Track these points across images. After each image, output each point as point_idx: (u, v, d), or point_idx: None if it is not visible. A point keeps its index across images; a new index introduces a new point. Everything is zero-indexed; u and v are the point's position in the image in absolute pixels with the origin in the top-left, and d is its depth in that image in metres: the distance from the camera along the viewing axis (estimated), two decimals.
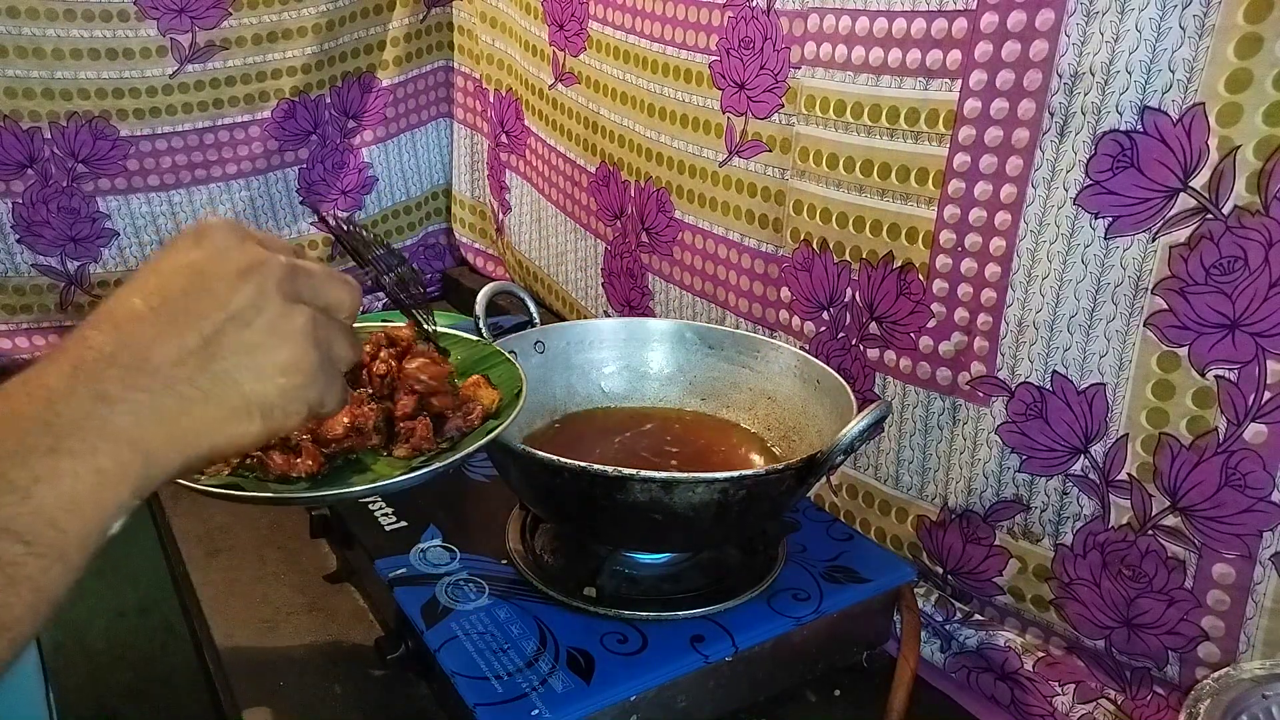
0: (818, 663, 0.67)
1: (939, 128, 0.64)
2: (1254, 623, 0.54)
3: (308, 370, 0.43)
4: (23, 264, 1.18)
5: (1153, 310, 0.55)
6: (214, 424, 0.41)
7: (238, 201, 1.27)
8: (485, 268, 1.42)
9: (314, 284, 0.44)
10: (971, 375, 0.65)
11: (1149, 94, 0.53)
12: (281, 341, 0.42)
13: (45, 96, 1.12)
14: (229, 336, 0.41)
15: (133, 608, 1.43)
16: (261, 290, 0.42)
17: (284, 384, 0.43)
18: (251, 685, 0.65)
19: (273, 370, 0.42)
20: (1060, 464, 0.61)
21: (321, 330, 0.44)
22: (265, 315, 0.42)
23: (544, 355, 0.76)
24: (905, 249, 0.68)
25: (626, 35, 0.93)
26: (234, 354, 0.41)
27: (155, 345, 0.40)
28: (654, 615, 0.62)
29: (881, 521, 0.75)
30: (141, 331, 0.40)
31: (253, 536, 0.81)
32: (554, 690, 0.55)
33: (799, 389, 0.72)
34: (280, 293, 0.42)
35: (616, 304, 1.05)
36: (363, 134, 1.33)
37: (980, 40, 0.60)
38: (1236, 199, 0.50)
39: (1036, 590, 0.65)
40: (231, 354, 0.41)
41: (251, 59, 1.22)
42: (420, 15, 1.32)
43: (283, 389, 0.43)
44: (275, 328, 0.42)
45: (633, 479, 0.55)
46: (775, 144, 0.79)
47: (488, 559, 0.67)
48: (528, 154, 1.19)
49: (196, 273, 0.42)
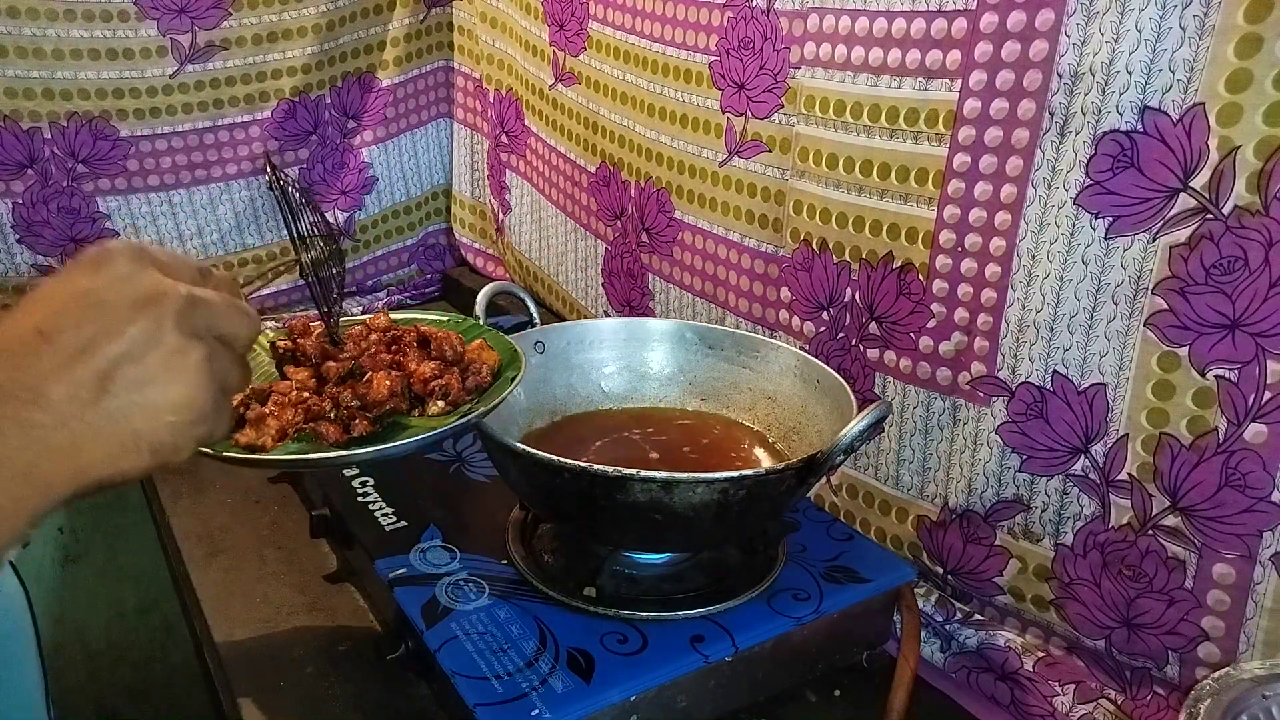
0: (818, 663, 0.67)
1: (939, 128, 0.64)
2: (1254, 623, 0.54)
3: (200, 408, 0.43)
4: (23, 264, 1.18)
5: (1153, 310, 0.55)
6: (104, 459, 0.41)
7: (238, 201, 1.27)
8: (485, 268, 1.42)
9: (212, 316, 0.44)
10: (972, 375, 0.65)
11: (1149, 94, 0.53)
12: (175, 379, 0.42)
13: (45, 96, 1.12)
14: (121, 372, 0.41)
15: (133, 608, 1.43)
16: (158, 323, 0.41)
17: (174, 421, 0.42)
18: (251, 685, 0.65)
19: (165, 408, 0.42)
20: (1060, 464, 0.61)
21: (217, 364, 0.44)
22: (159, 350, 0.41)
23: (544, 355, 0.76)
24: (905, 249, 0.68)
25: (626, 35, 0.93)
26: (126, 390, 0.41)
27: (49, 378, 0.40)
28: (654, 615, 0.62)
29: (881, 521, 0.75)
30: (35, 363, 0.40)
31: (253, 536, 0.81)
32: (554, 690, 0.55)
33: (799, 389, 0.72)
34: (177, 327, 0.42)
35: (616, 304, 1.05)
36: (363, 134, 1.33)
37: (980, 40, 0.60)
38: (1236, 199, 0.50)
39: (1036, 590, 0.65)
40: (123, 390, 0.41)
41: (251, 59, 1.22)
42: (420, 15, 1.32)
43: (173, 426, 0.42)
44: (169, 364, 0.42)
45: (633, 479, 0.55)
46: (775, 144, 0.79)
47: (488, 559, 0.67)
48: (528, 154, 1.19)
49: (93, 303, 0.41)
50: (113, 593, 1.41)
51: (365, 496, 0.74)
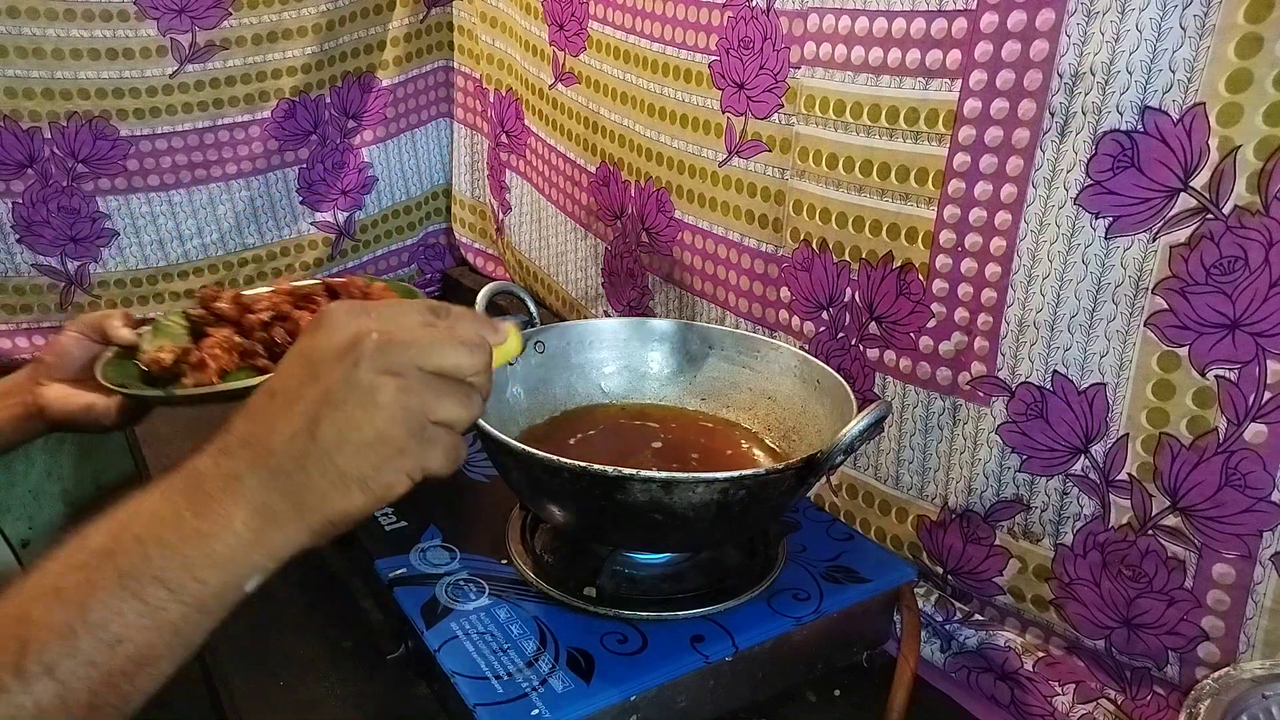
0: (818, 663, 0.67)
1: (939, 128, 0.64)
2: (1254, 623, 0.54)
3: (396, 442, 0.46)
4: (23, 264, 1.18)
5: (1153, 310, 0.55)
6: (323, 498, 0.45)
7: (238, 201, 1.27)
8: (485, 268, 1.42)
9: (413, 352, 0.46)
10: (972, 375, 0.65)
11: (1149, 94, 0.53)
12: (370, 417, 0.45)
13: (45, 96, 1.13)
14: (325, 417, 0.45)
15: None
16: (356, 366, 0.45)
17: (374, 458, 0.45)
18: (251, 685, 0.65)
19: (363, 444, 0.45)
20: (1060, 464, 0.61)
21: (415, 398, 0.46)
22: (356, 393, 0.45)
23: (544, 355, 0.76)
24: (905, 249, 0.68)
25: (626, 35, 0.93)
26: (330, 433, 0.45)
27: (274, 429, 0.45)
28: (654, 615, 0.62)
29: (881, 521, 0.75)
30: (265, 418, 0.46)
31: None
32: (554, 690, 0.55)
33: (799, 389, 0.72)
34: (372, 368, 0.45)
35: (616, 304, 1.05)
36: (363, 134, 1.33)
37: (980, 40, 0.60)
38: (1237, 199, 0.50)
39: (1036, 590, 0.65)
40: (330, 433, 0.45)
41: (251, 59, 1.22)
42: (420, 15, 1.32)
43: (374, 464, 0.46)
44: (364, 403, 0.45)
45: (633, 479, 0.55)
46: (775, 144, 0.79)
47: (488, 559, 0.67)
48: (528, 154, 1.19)
49: (306, 359, 0.47)
50: None
51: None
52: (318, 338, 0.47)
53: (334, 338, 0.46)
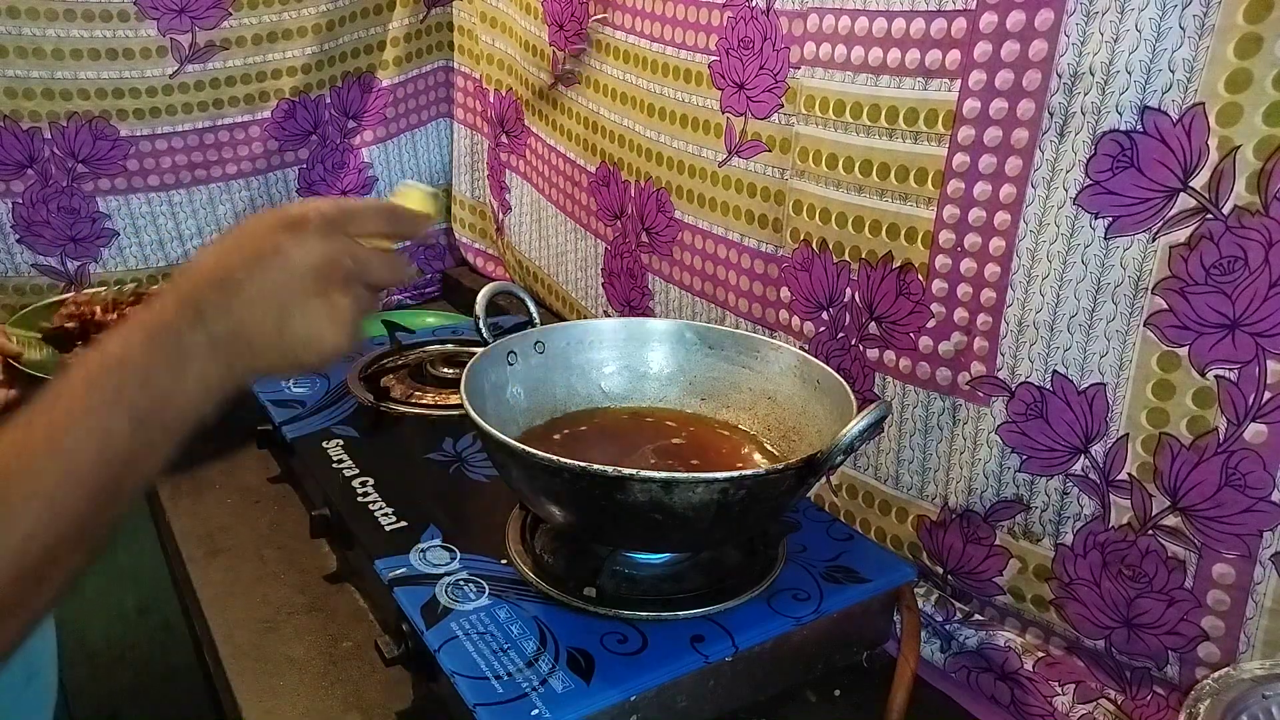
0: (818, 663, 0.67)
1: (938, 128, 0.64)
2: (1254, 623, 0.54)
3: (346, 348, 0.54)
4: (23, 264, 1.18)
5: (1153, 310, 0.55)
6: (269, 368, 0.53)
7: (238, 201, 1.27)
8: (485, 268, 1.42)
9: (367, 271, 0.56)
10: (971, 375, 0.65)
11: (1149, 94, 0.53)
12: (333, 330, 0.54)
13: (45, 96, 1.12)
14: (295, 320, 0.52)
15: (133, 608, 1.43)
16: (328, 284, 0.53)
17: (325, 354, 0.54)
18: (251, 685, 0.65)
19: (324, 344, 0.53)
20: (1060, 464, 0.61)
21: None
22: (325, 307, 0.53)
23: (544, 355, 0.76)
24: (905, 249, 0.68)
25: (627, 35, 0.93)
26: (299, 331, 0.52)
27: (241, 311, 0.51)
28: (654, 615, 0.62)
29: (881, 521, 0.75)
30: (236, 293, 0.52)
31: (253, 536, 0.81)
32: (554, 690, 0.55)
33: (799, 389, 0.72)
34: (343, 293, 0.54)
35: (616, 304, 1.05)
36: (363, 134, 1.33)
37: (980, 40, 0.60)
38: (1236, 199, 0.50)
39: (1036, 590, 0.65)
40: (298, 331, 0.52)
41: (251, 59, 1.22)
42: (420, 15, 1.32)
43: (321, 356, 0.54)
44: (333, 318, 0.54)
45: (633, 479, 0.55)
46: (775, 144, 0.79)
47: (488, 559, 0.67)
48: (528, 154, 1.19)
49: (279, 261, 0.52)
50: (113, 593, 1.41)
51: (365, 496, 0.75)
52: (294, 242, 0.52)
53: (312, 255, 0.52)
